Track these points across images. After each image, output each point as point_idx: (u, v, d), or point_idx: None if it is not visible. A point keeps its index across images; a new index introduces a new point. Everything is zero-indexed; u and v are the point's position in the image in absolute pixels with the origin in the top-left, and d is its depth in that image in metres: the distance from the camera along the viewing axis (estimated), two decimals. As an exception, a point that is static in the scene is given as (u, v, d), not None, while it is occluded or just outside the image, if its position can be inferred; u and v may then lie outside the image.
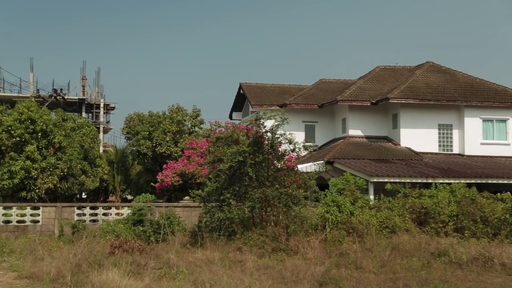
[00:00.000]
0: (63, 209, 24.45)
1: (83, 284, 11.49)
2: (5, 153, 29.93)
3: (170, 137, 32.82)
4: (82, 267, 13.01)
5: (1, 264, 16.07)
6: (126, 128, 35.47)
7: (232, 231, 17.88)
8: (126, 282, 10.70)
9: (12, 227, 23.66)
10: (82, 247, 14.19)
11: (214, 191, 18.74)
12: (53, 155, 30.40)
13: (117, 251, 15.43)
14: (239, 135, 19.48)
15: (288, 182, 18.63)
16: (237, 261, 14.46)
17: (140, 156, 33.76)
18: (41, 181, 29.53)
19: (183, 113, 34.61)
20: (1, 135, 29.58)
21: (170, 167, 30.36)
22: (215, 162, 19.46)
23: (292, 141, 18.78)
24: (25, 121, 29.76)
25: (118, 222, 22.47)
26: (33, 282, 12.57)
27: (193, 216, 23.86)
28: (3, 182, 29.11)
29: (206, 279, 11.43)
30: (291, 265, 13.47)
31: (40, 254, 15.79)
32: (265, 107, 30.60)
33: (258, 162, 18.40)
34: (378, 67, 35.25)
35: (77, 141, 33.46)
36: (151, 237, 19.81)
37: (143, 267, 13.28)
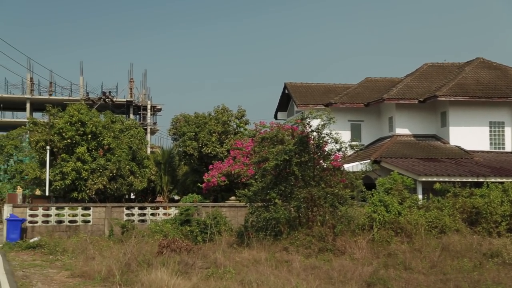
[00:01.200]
0: (113, 210, 24.92)
1: (133, 283, 11.70)
2: (57, 154, 30.81)
3: (216, 137, 33.05)
4: (132, 266, 13.23)
5: (54, 263, 16.56)
6: (172, 129, 35.92)
7: (278, 231, 17.86)
8: (174, 281, 10.82)
9: (64, 227, 24.29)
10: (131, 247, 14.44)
11: (260, 191, 18.75)
12: (103, 156, 31.10)
13: (165, 251, 15.63)
14: (284, 135, 19.45)
15: (334, 182, 18.48)
16: (283, 261, 14.43)
17: (187, 156, 34.13)
18: (91, 182, 30.26)
19: (229, 113, 34.79)
20: (53, 137, 30.45)
21: (216, 168, 30.57)
22: (260, 162, 19.48)
23: (338, 141, 18.62)
24: (75, 123, 30.53)
25: (166, 222, 22.76)
26: (85, 281, 12.88)
27: (239, 216, 23.96)
28: (55, 183, 30.00)
29: (253, 279, 11.44)
30: (338, 265, 13.33)
31: (91, 253, 16.15)
32: (310, 106, 30.43)
33: (304, 161, 18.32)
34: (425, 65, 34.55)
35: (126, 143, 34.14)
36: (198, 237, 20.00)
37: (190, 267, 13.42)
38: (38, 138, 31.08)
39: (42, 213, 24.19)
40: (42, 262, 16.89)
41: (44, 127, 31.96)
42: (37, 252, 19.83)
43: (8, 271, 14.68)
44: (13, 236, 22.70)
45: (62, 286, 12.42)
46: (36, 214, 24.10)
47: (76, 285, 12.52)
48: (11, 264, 16.37)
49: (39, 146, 31.12)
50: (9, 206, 24.25)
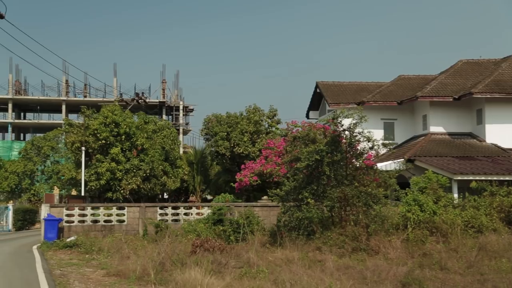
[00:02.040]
0: (147, 209, 25.18)
1: (167, 282, 11.80)
2: (92, 155, 31.32)
3: (248, 137, 33.11)
4: (166, 265, 13.36)
5: (90, 262, 16.84)
6: (204, 129, 36.15)
7: (311, 230, 17.77)
8: (208, 281, 10.87)
9: (100, 226, 24.67)
10: (165, 246, 14.58)
11: (292, 190, 18.71)
12: (136, 157, 31.48)
13: (199, 250, 15.73)
14: (316, 134, 19.37)
15: (367, 181, 18.29)
16: (316, 260, 14.36)
17: (219, 156, 34.28)
18: (126, 182, 30.66)
19: (260, 113, 34.82)
20: (88, 138, 30.97)
21: (248, 167, 30.62)
22: (292, 162, 19.43)
23: (371, 139, 18.44)
24: (109, 124, 30.97)
25: (199, 221, 22.90)
26: (120, 280, 13.06)
27: (271, 215, 23.94)
28: (90, 183, 30.51)
29: (286, 279, 11.41)
30: (372, 265, 13.19)
31: (126, 253, 16.38)
32: (342, 105, 30.21)
33: (336, 161, 18.18)
34: (460, 61, 33.91)
35: (158, 143, 34.50)
36: (231, 236, 20.07)
37: (224, 266, 13.47)
38: (74, 139, 31.65)
39: (78, 213, 24.62)
40: (78, 261, 17.20)
41: (79, 128, 32.54)
42: (73, 251, 20.22)
43: (46, 269, 15.01)
44: (51, 235, 23.19)
45: (98, 285, 12.61)
46: (72, 214, 24.54)
47: (111, 284, 12.70)
48: (49, 263, 16.72)
49: (75, 147, 31.69)
50: (46, 206, 24.74)
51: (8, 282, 12.89)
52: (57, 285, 12.42)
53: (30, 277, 13.68)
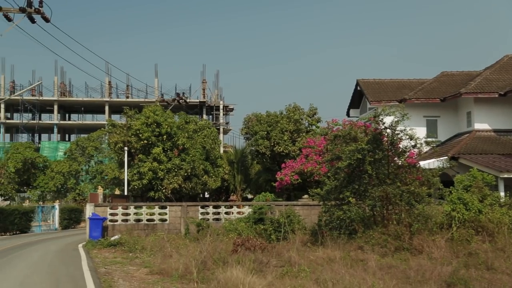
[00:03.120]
0: (188, 208, 25.42)
1: (209, 281, 11.88)
2: (134, 155, 31.83)
3: (288, 136, 33.05)
4: (208, 264, 13.45)
5: (134, 260, 17.12)
6: (244, 128, 36.25)
7: (352, 229, 17.61)
8: (249, 279, 10.88)
9: (142, 225, 25.03)
10: (207, 245, 14.68)
11: (333, 189, 18.57)
12: (178, 156, 31.83)
13: (240, 249, 15.77)
14: (357, 133, 19.15)
15: (410, 180, 17.98)
16: (358, 260, 14.21)
17: (259, 155, 34.33)
18: (167, 181, 31.03)
19: (300, 112, 34.70)
20: (130, 139, 31.48)
21: (288, 166, 30.56)
22: (333, 160, 19.28)
23: (413, 137, 18.13)
24: (151, 124, 31.40)
25: (240, 220, 22.97)
26: (163, 278, 13.22)
27: (312, 214, 23.83)
28: (133, 182, 31.00)
29: (328, 278, 11.33)
30: (415, 264, 12.97)
31: (169, 251, 16.56)
32: (383, 103, 29.81)
33: (378, 159, 17.96)
34: (506, 56, 32.98)
35: (199, 143, 34.79)
36: (272, 235, 20.07)
37: (265, 265, 13.47)
38: (117, 139, 32.23)
39: (121, 212, 25.04)
40: (122, 259, 17.50)
41: (122, 129, 33.10)
42: (117, 249, 20.58)
43: (91, 267, 15.32)
44: (95, 234, 23.65)
45: (142, 283, 12.80)
46: (116, 213, 24.98)
47: (155, 282, 12.87)
48: (94, 261, 17.07)
49: (118, 147, 32.27)
50: (91, 206, 25.24)
51: (55, 279, 13.23)
52: (102, 282, 12.66)
53: (76, 274, 14.00)
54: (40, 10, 31.36)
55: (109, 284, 12.45)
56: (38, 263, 16.85)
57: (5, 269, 15.27)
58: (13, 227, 35.48)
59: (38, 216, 39.78)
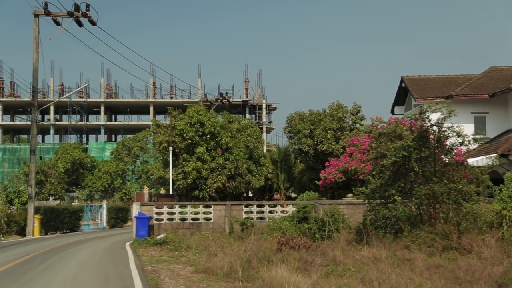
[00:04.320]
0: (232, 207, 25.54)
1: (254, 279, 11.90)
2: (179, 155, 32.25)
3: (331, 134, 32.82)
4: (252, 263, 13.48)
5: (180, 259, 17.32)
6: (287, 127, 36.19)
7: (398, 228, 17.35)
8: (294, 278, 10.86)
9: (187, 224, 25.30)
10: (251, 244, 14.72)
11: (378, 187, 18.33)
12: (221, 155, 32.06)
13: (284, 248, 15.75)
14: (402, 130, 18.85)
15: (457, 177, 17.58)
16: (405, 259, 13.97)
17: (302, 154, 34.21)
18: (211, 180, 31.29)
19: (344, 110, 34.40)
20: (175, 138, 31.90)
21: (332, 165, 30.35)
22: (378, 158, 19.03)
23: (461, 134, 17.71)
24: (195, 124, 31.74)
25: (284, 219, 22.94)
26: (209, 276, 13.33)
27: (357, 213, 23.60)
28: (178, 182, 31.41)
29: (374, 277, 11.20)
30: (464, 264, 12.67)
31: (214, 250, 16.70)
32: (429, 99, 29.24)
33: (424, 157, 17.63)
34: (557, 49, 31.86)
35: (242, 142, 34.93)
36: (316, 234, 19.98)
37: (310, 264, 13.42)
38: (161, 139, 32.72)
39: (166, 211, 25.37)
40: (168, 258, 17.73)
41: (166, 129, 33.59)
42: (163, 248, 20.86)
43: (138, 266, 15.59)
44: (142, 233, 24.05)
45: (187, 281, 12.94)
46: (161, 212, 25.32)
47: (200, 280, 12.99)
48: (141, 259, 17.36)
49: (162, 147, 32.75)
50: (137, 205, 25.66)
51: (104, 277, 13.52)
52: (149, 280, 12.86)
53: (124, 272, 14.26)
54: (87, 14, 32.20)
55: (156, 282, 12.64)
56: (88, 261, 17.26)
57: (58, 266, 15.71)
58: (63, 226, 36.46)
59: (86, 215, 40.76)
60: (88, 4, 32.19)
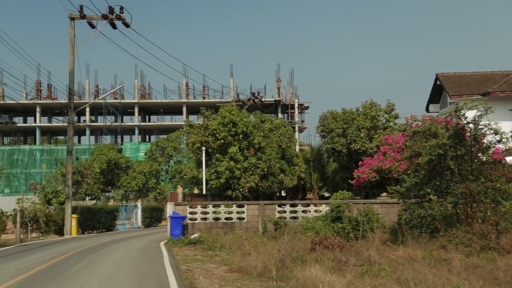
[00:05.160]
0: (265, 207, 25.54)
1: (288, 279, 11.89)
2: (211, 155, 32.43)
3: (365, 133, 32.53)
4: (286, 262, 13.47)
5: (213, 258, 17.42)
6: (320, 126, 36.01)
7: (434, 228, 17.08)
8: (329, 278, 10.80)
9: (221, 223, 25.42)
10: (285, 243, 14.70)
11: (413, 186, 18.09)
12: (254, 155, 32.12)
13: (318, 248, 15.68)
14: (437, 128, 18.56)
15: (495, 176, 17.22)
16: (441, 259, 13.75)
17: (335, 153, 34.00)
18: (244, 180, 31.37)
19: (377, 108, 34.06)
20: (207, 138, 32.10)
21: (366, 164, 30.09)
22: (413, 157, 18.79)
23: (498, 132, 17.35)
24: (227, 124, 31.86)
25: (317, 219, 22.83)
26: (243, 276, 13.36)
27: (391, 212, 23.33)
28: (211, 182, 31.59)
29: (409, 277, 11.05)
30: (504, 265, 12.38)
31: (247, 250, 16.72)
32: (465, 97, 28.72)
33: (460, 155, 17.34)
34: None
35: (275, 141, 34.92)
36: (350, 234, 19.85)
37: (344, 264, 13.33)
38: (194, 139, 32.96)
39: (200, 210, 25.54)
40: (202, 257, 17.85)
41: (199, 129, 33.82)
42: (197, 247, 21.01)
43: (173, 265, 15.74)
44: (176, 232, 24.26)
45: (222, 280, 13.00)
46: (195, 212, 25.50)
47: (234, 279, 13.03)
48: (176, 259, 17.52)
49: (195, 147, 32.99)
50: (171, 204, 25.89)
51: (140, 275, 13.69)
52: (184, 279, 12.96)
53: (159, 271, 14.42)
54: (121, 16, 32.67)
55: (190, 281, 12.73)
56: (124, 259, 17.50)
57: (94, 265, 15.98)
58: (100, 225, 37.06)
59: (122, 214, 41.34)
60: (122, 7, 32.65)
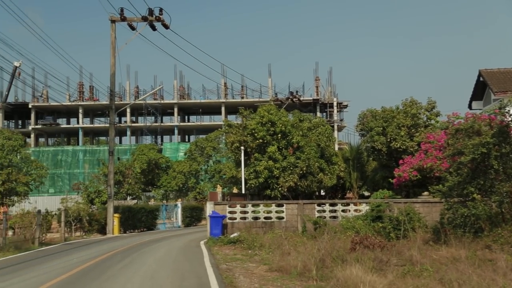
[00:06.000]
0: (304, 206, 25.45)
1: (328, 279, 11.82)
2: (250, 154, 32.53)
3: (405, 131, 32.08)
4: (326, 262, 13.38)
5: (253, 258, 17.45)
6: (359, 125, 35.69)
7: (478, 227, 16.71)
8: (370, 278, 10.69)
9: (260, 223, 25.45)
10: (325, 243, 14.62)
11: (456, 185, 17.73)
12: (292, 154, 32.07)
13: (358, 247, 15.53)
14: (481, 126, 18.16)
15: (542, 175, 16.74)
16: (486, 259, 13.43)
17: (375, 152, 33.64)
18: (283, 179, 31.35)
19: (418, 106, 33.54)
20: (246, 138, 32.20)
21: (406, 162, 29.68)
22: (455, 155, 18.43)
23: (545, 129, 16.85)
24: (266, 123, 31.90)
25: (357, 218, 22.63)
26: (282, 275, 13.35)
27: (433, 212, 22.95)
28: (250, 181, 31.68)
29: (453, 278, 10.85)
30: (553, 266, 12.03)
31: (287, 249, 16.70)
32: (509, 93, 27.98)
33: (505, 153, 16.90)
34: None
35: (314, 140, 34.79)
36: (391, 233, 19.61)
37: (385, 264, 13.18)
38: (233, 139, 33.11)
39: (239, 210, 25.64)
40: (242, 256, 17.90)
41: (238, 129, 33.97)
42: (237, 246, 21.09)
43: (213, 264, 15.84)
44: (216, 231, 24.42)
45: (261, 280, 13.01)
46: (234, 211, 25.61)
47: (274, 279, 13.03)
48: (215, 258, 17.63)
49: (234, 146, 33.14)
50: (210, 204, 26.08)
51: (180, 274, 13.83)
52: (224, 278, 13.03)
53: (199, 270, 14.53)
54: (160, 18, 33.10)
55: (230, 280, 12.78)
56: (164, 258, 17.71)
57: (136, 264, 16.23)
58: (141, 225, 37.62)
59: (162, 214, 41.87)
60: (161, 8, 33.06)
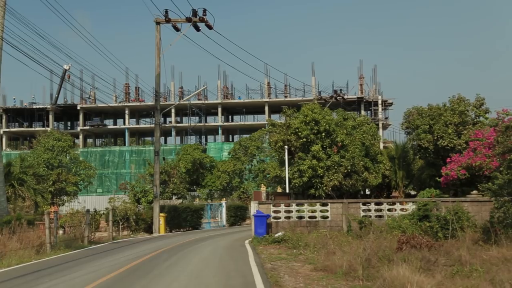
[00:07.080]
0: (349, 205, 25.23)
1: (374, 278, 11.68)
2: (294, 153, 32.47)
3: (452, 129, 31.42)
4: (372, 261, 13.24)
5: (298, 257, 17.42)
6: (405, 123, 35.13)
7: (530, 227, 16.23)
8: (417, 278, 10.50)
9: (304, 222, 25.37)
10: (370, 242, 14.45)
11: (507, 184, 17.26)
12: (337, 153, 31.84)
13: (405, 247, 15.31)
14: (532, 122, 17.64)
15: None
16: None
17: (421, 150, 33.08)
18: (327, 178, 31.17)
19: (466, 103, 32.79)
20: (290, 137, 32.16)
21: (454, 161, 29.07)
22: (505, 153, 17.95)
23: None
24: (309, 122, 31.77)
25: (403, 217, 22.29)
26: (328, 275, 13.26)
27: (483, 211, 22.38)
28: (294, 180, 31.62)
29: (505, 279, 10.55)
30: None
31: (332, 248, 16.58)
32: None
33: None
34: None
35: (358, 139, 34.45)
36: (438, 233, 19.24)
37: (433, 264, 12.95)
38: (277, 138, 33.11)
39: (284, 209, 25.62)
40: (287, 256, 17.88)
41: (281, 128, 33.95)
42: (281, 246, 21.09)
43: (258, 263, 15.87)
44: (260, 230, 24.47)
45: (307, 279, 12.96)
46: (278, 210, 25.61)
47: (319, 278, 12.96)
48: (260, 257, 17.66)
49: (278, 146, 33.13)
50: (255, 203, 26.14)
51: (226, 273, 13.92)
52: (269, 278, 13.03)
53: (244, 269, 14.58)
54: (204, 19, 33.40)
55: (275, 280, 12.78)
56: (210, 257, 17.85)
57: (182, 263, 16.43)
58: (186, 224, 38.06)
59: (207, 213, 42.23)
60: (204, 9, 33.34)
